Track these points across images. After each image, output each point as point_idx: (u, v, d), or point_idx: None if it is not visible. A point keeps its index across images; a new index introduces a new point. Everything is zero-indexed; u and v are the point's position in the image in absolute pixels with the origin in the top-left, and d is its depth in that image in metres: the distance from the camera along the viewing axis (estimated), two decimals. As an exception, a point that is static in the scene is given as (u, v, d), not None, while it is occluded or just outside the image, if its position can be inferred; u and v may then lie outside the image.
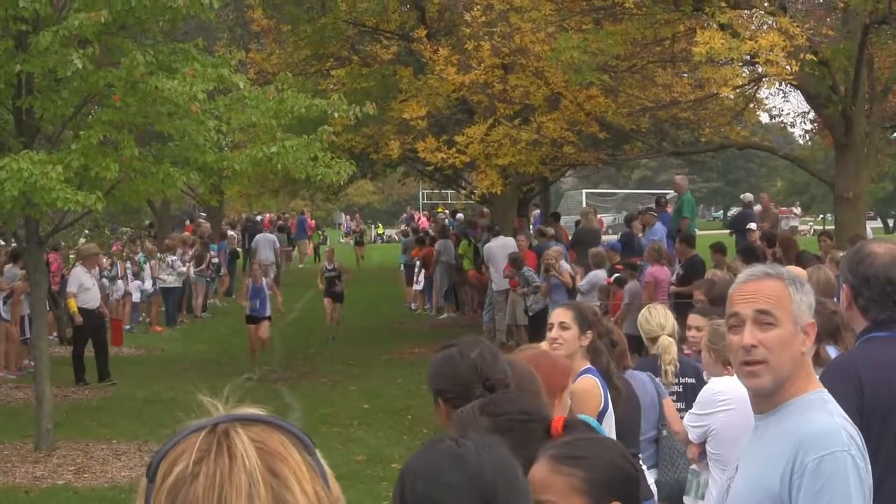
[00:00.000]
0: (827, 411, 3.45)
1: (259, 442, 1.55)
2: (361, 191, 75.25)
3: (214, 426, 1.56)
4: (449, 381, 3.99)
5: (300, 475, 1.54)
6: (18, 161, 11.95)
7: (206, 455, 1.52)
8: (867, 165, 18.85)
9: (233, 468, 1.51)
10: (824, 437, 3.37)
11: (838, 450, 3.33)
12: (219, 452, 1.52)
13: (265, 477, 1.51)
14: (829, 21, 19.12)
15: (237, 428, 1.56)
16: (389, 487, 11.90)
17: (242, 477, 1.50)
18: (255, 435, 1.55)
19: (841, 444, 3.34)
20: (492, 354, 4.08)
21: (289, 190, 33.87)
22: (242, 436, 1.54)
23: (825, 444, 3.35)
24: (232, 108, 14.18)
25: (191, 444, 1.54)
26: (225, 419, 1.57)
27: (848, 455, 3.33)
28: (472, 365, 3.98)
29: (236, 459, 1.51)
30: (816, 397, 3.48)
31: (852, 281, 4.59)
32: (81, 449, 14.13)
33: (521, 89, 19.93)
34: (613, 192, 73.87)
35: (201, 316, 30.42)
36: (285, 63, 24.75)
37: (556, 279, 19.21)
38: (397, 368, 20.52)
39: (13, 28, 12.84)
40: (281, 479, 1.52)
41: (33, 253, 14.29)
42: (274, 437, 1.57)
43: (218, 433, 1.55)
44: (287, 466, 1.54)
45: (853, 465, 3.32)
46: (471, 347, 4.08)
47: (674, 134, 26.88)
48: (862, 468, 3.35)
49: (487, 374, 3.96)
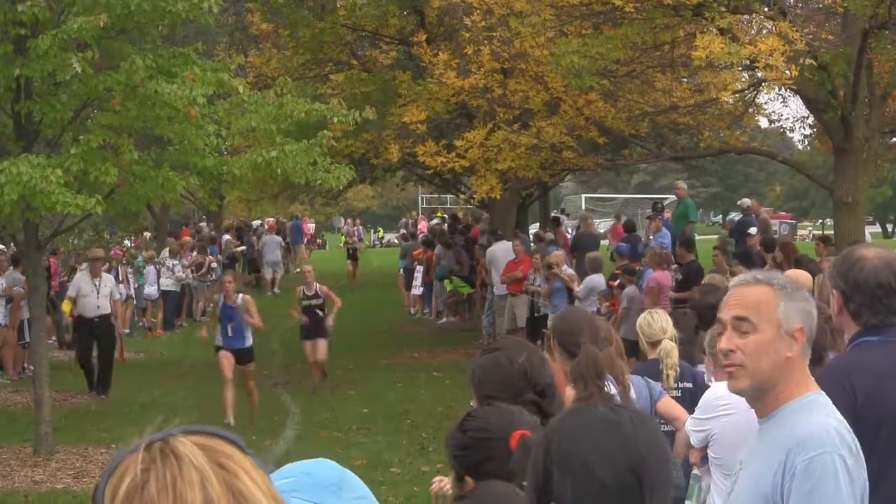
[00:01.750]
0: (820, 413, 3.45)
1: (201, 444, 1.57)
2: (361, 195, 75.15)
3: (150, 443, 1.57)
4: (497, 386, 3.94)
5: (247, 468, 1.58)
6: (18, 165, 11.95)
7: (151, 463, 1.54)
8: (866, 170, 18.84)
9: (181, 466, 1.53)
10: (814, 439, 3.37)
11: (827, 450, 3.32)
12: (164, 457, 1.54)
13: (215, 470, 1.54)
14: (829, 26, 19.15)
15: (177, 437, 1.58)
16: (389, 492, 11.92)
17: (193, 472, 1.52)
18: (196, 440, 1.58)
19: (831, 444, 3.34)
20: (539, 359, 4.07)
21: (288, 194, 33.82)
22: (184, 440, 1.57)
23: (814, 446, 3.35)
24: (231, 113, 14.19)
25: (132, 460, 1.56)
26: (159, 437, 1.59)
27: (837, 456, 3.32)
28: (521, 370, 3.96)
29: (183, 459, 1.53)
30: (810, 399, 3.48)
31: (843, 286, 4.59)
32: (80, 453, 14.12)
33: (520, 94, 19.93)
34: (613, 196, 73.84)
35: (200, 320, 30.38)
36: (284, 67, 24.76)
37: (558, 283, 19.20)
38: (397, 373, 20.51)
39: (12, 32, 12.83)
40: (230, 472, 1.55)
41: (32, 257, 14.29)
42: (214, 441, 1.60)
43: (156, 447, 1.56)
44: (233, 461, 1.57)
45: (842, 465, 3.32)
46: (517, 352, 4.05)
47: (673, 139, 26.88)
48: (853, 469, 3.34)
49: (537, 379, 3.95)
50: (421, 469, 13.07)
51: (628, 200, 68.51)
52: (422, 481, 12.51)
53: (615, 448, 2.40)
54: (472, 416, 3.56)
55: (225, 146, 15.42)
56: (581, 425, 2.48)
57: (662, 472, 2.44)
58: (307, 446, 14.24)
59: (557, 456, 2.44)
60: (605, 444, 2.41)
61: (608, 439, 2.42)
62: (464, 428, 3.53)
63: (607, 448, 2.41)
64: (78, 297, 19.07)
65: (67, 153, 12.72)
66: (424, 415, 16.41)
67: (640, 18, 17.88)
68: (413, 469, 13.15)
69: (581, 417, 2.52)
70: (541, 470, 2.47)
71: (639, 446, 2.41)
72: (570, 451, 2.43)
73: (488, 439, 3.41)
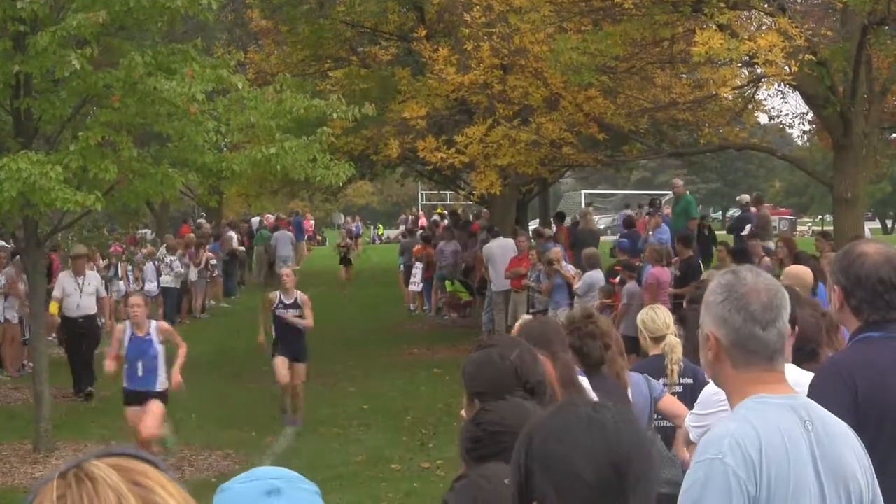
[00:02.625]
0: (731, 418, 3.35)
1: (115, 465, 1.60)
2: (360, 192, 75.31)
3: (65, 471, 1.60)
4: (488, 382, 3.94)
5: (163, 483, 1.61)
6: (17, 161, 11.94)
7: (67, 489, 1.57)
8: (865, 166, 18.82)
9: (97, 488, 1.56)
10: (704, 446, 3.31)
11: (709, 457, 3.23)
12: (79, 481, 1.57)
13: (130, 488, 1.57)
14: (828, 22, 19.11)
15: (90, 461, 1.60)
16: (389, 488, 11.92)
17: (109, 492, 1.55)
18: (110, 461, 1.61)
19: (716, 451, 3.23)
20: (531, 356, 4.06)
21: (287, 191, 33.84)
22: (98, 463, 1.60)
23: (699, 452, 3.30)
24: (231, 109, 14.18)
25: (48, 489, 1.58)
26: (72, 464, 1.61)
27: (719, 462, 3.21)
28: (512, 367, 3.95)
29: (98, 481, 1.56)
30: (738, 406, 3.37)
31: (844, 282, 4.59)
32: (80, 450, 14.11)
33: (520, 90, 19.92)
34: (612, 192, 73.82)
35: (200, 317, 30.43)
36: (284, 64, 24.76)
37: (559, 279, 19.20)
38: (397, 370, 20.51)
39: (11, 29, 12.82)
40: (146, 488, 1.58)
41: (32, 254, 14.28)
42: (127, 461, 1.63)
43: (70, 473, 1.59)
44: (148, 478, 1.60)
45: (722, 472, 3.20)
46: (510, 349, 4.05)
47: (672, 135, 26.90)
48: (742, 477, 3.19)
49: (527, 377, 3.94)
50: (421, 465, 13.08)
51: (628, 197, 68.48)
52: (422, 478, 12.53)
53: (598, 446, 2.41)
54: (487, 410, 3.57)
55: (224, 143, 15.41)
56: (563, 423, 2.48)
57: (646, 470, 2.44)
58: (307, 443, 14.26)
59: (539, 454, 2.45)
60: (588, 442, 2.42)
61: (590, 437, 2.43)
62: (477, 421, 3.53)
63: (590, 446, 2.42)
64: (63, 296, 18.62)
65: (67, 150, 12.71)
66: (424, 411, 16.41)
67: (639, 15, 17.87)
68: (413, 465, 13.16)
69: (563, 416, 2.52)
70: (522, 469, 2.47)
71: (622, 444, 2.42)
72: (552, 450, 2.44)
73: (502, 433, 3.41)
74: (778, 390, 3.37)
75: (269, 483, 2.43)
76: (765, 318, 3.34)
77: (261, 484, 2.44)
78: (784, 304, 3.41)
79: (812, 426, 3.31)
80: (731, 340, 3.37)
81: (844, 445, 3.36)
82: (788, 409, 3.33)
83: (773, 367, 3.38)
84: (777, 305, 3.37)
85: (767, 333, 3.34)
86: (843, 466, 3.31)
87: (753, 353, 3.36)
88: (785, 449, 3.23)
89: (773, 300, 3.37)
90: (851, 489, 3.31)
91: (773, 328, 3.36)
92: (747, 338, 3.35)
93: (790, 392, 3.42)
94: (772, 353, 3.36)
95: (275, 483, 2.44)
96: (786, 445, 3.24)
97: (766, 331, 3.35)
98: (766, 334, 3.34)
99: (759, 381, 3.36)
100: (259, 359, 20.80)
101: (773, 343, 3.36)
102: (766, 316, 3.34)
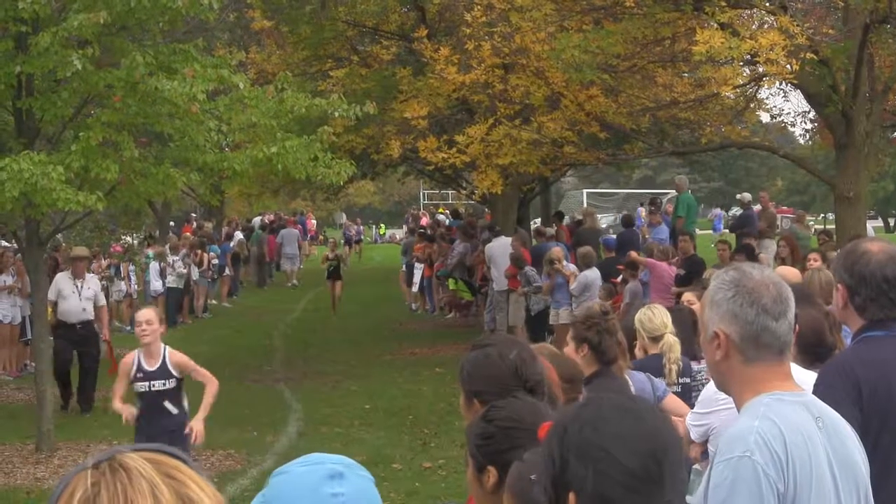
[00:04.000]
0: (751, 415, 3.31)
1: (149, 458, 1.64)
2: (362, 191, 75.21)
3: (98, 461, 1.63)
4: (487, 382, 3.92)
5: (195, 478, 1.64)
6: (19, 161, 11.95)
7: (101, 477, 1.60)
8: (867, 165, 18.82)
9: (131, 477, 1.59)
10: (726, 444, 3.28)
11: (737, 455, 3.21)
12: (113, 470, 1.60)
13: (164, 480, 1.60)
14: (830, 20, 19.12)
15: (124, 453, 1.64)
16: (391, 488, 11.92)
17: (142, 482, 1.59)
18: (143, 454, 1.65)
19: (743, 448, 3.21)
20: (530, 355, 4.03)
21: (289, 190, 33.85)
22: (132, 455, 1.63)
23: (724, 451, 3.27)
24: (232, 109, 14.19)
25: (82, 477, 1.61)
26: (106, 455, 1.65)
27: (748, 460, 3.19)
28: (511, 366, 3.93)
29: (132, 471, 1.60)
30: (754, 402, 3.35)
31: (848, 281, 4.58)
32: (82, 450, 14.12)
33: (521, 89, 19.91)
34: (614, 191, 73.86)
35: (202, 317, 30.45)
36: (285, 63, 24.73)
37: (560, 278, 19.20)
38: (398, 369, 20.51)
39: (13, 29, 12.83)
40: (179, 481, 1.62)
41: (34, 254, 14.29)
42: (159, 455, 1.67)
43: (104, 464, 1.62)
44: (181, 472, 1.64)
45: (751, 469, 3.18)
46: (508, 348, 4.03)
47: (674, 134, 26.86)
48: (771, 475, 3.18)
49: (527, 376, 3.92)
50: (423, 465, 13.08)
51: (630, 196, 68.51)
52: (423, 477, 12.54)
53: (637, 434, 2.44)
54: (498, 407, 3.55)
55: (225, 142, 15.42)
56: (597, 413, 2.50)
57: (680, 458, 2.48)
58: (309, 442, 14.25)
59: (575, 444, 2.46)
60: (627, 431, 2.44)
61: (629, 426, 2.45)
62: (489, 418, 3.52)
63: (629, 434, 2.43)
64: (59, 299, 17.10)
65: (68, 150, 12.72)
66: (426, 410, 16.42)
67: (640, 13, 17.88)
68: (415, 465, 13.16)
69: (596, 406, 2.54)
70: (557, 460, 2.47)
71: (660, 432, 2.45)
72: (591, 439, 2.44)
73: (516, 429, 3.40)
74: (788, 387, 3.38)
75: (329, 468, 2.44)
76: (776, 309, 3.35)
77: (322, 468, 2.44)
78: (791, 297, 3.41)
79: (823, 423, 3.31)
80: (743, 335, 3.36)
81: (851, 443, 3.37)
82: (801, 406, 3.34)
83: (783, 360, 3.39)
84: (786, 297, 3.38)
85: (780, 325, 3.35)
86: (853, 464, 3.32)
87: (766, 347, 3.35)
88: (806, 446, 3.24)
89: (782, 292, 3.38)
90: (860, 486, 3.32)
91: (784, 320, 3.36)
92: (761, 330, 3.34)
93: (799, 389, 3.43)
94: (782, 345, 3.36)
95: (336, 468, 2.44)
96: (806, 442, 3.24)
97: (778, 323, 3.35)
98: (778, 326, 3.35)
99: (770, 377, 3.36)
100: (260, 358, 20.85)
101: (783, 335, 3.36)
102: (777, 308, 3.35)
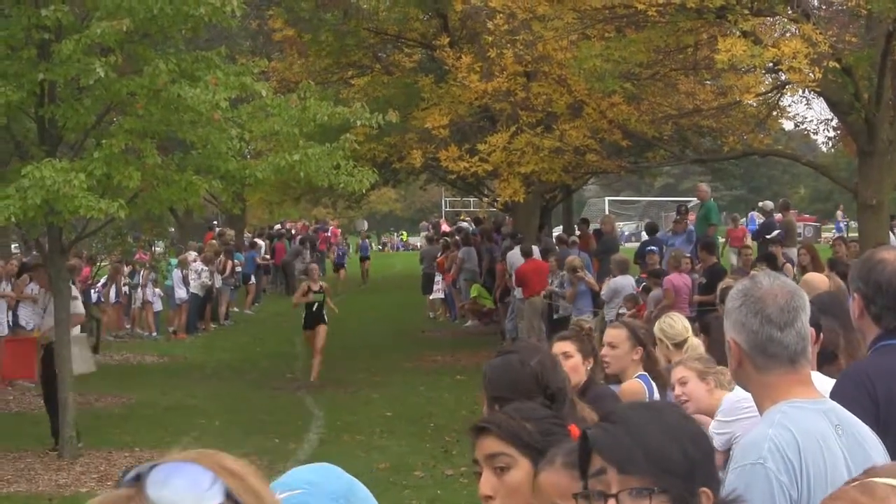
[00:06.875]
0: (767, 423, 3.31)
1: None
2: (384, 198, 75.19)
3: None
4: (508, 388, 3.90)
5: None
6: (41, 169, 11.99)
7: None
8: (891, 172, 18.71)
9: None
10: (743, 451, 3.28)
11: (750, 462, 3.21)
12: None
13: None
14: (853, 28, 19.01)
15: None
16: (412, 495, 11.90)
17: None
18: None
19: (756, 455, 3.21)
20: (552, 362, 4.05)
21: (310, 198, 33.91)
22: None
23: (738, 458, 3.27)
24: (254, 117, 14.22)
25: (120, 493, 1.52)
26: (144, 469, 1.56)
27: (760, 467, 3.19)
28: (533, 373, 3.93)
29: None
30: (772, 410, 3.34)
31: (864, 289, 4.53)
32: (104, 457, 14.15)
33: (543, 97, 19.91)
34: (636, 199, 73.74)
35: (224, 324, 30.51)
36: (307, 72, 24.79)
37: (582, 286, 19.17)
38: (419, 376, 20.50)
39: (36, 37, 12.88)
40: None
41: (56, 261, 14.32)
42: None
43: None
44: None
45: (764, 476, 3.18)
46: (531, 354, 4.03)
47: (696, 141, 26.81)
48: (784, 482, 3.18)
49: (548, 383, 3.92)
50: (445, 473, 13.05)
51: (652, 203, 68.40)
52: (445, 485, 12.51)
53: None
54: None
55: (248, 150, 15.43)
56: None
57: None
58: (330, 449, 14.24)
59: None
60: None
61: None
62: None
63: None
64: (46, 315, 15.81)
65: (90, 157, 12.75)
66: (447, 418, 16.39)
67: (662, 21, 17.83)
68: (437, 473, 13.13)
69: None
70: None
71: None
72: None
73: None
74: (806, 394, 3.35)
75: None
76: (781, 320, 3.33)
77: None
78: (802, 306, 3.38)
79: (842, 431, 3.29)
80: (750, 345, 3.35)
81: (873, 450, 3.34)
82: (820, 414, 3.31)
83: (796, 369, 3.36)
84: (794, 307, 3.35)
85: (785, 335, 3.33)
86: None
87: (773, 357, 3.34)
88: (822, 453, 3.22)
89: (790, 302, 3.35)
90: None
91: (790, 330, 3.34)
92: (766, 340, 3.33)
93: (818, 397, 3.40)
94: (792, 354, 3.34)
95: None
96: (822, 450, 3.22)
97: (784, 332, 3.33)
98: (783, 336, 3.32)
99: (787, 384, 3.34)
100: (282, 365, 20.86)
101: (792, 345, 3.34)
102: (782, 318, 3.33)
